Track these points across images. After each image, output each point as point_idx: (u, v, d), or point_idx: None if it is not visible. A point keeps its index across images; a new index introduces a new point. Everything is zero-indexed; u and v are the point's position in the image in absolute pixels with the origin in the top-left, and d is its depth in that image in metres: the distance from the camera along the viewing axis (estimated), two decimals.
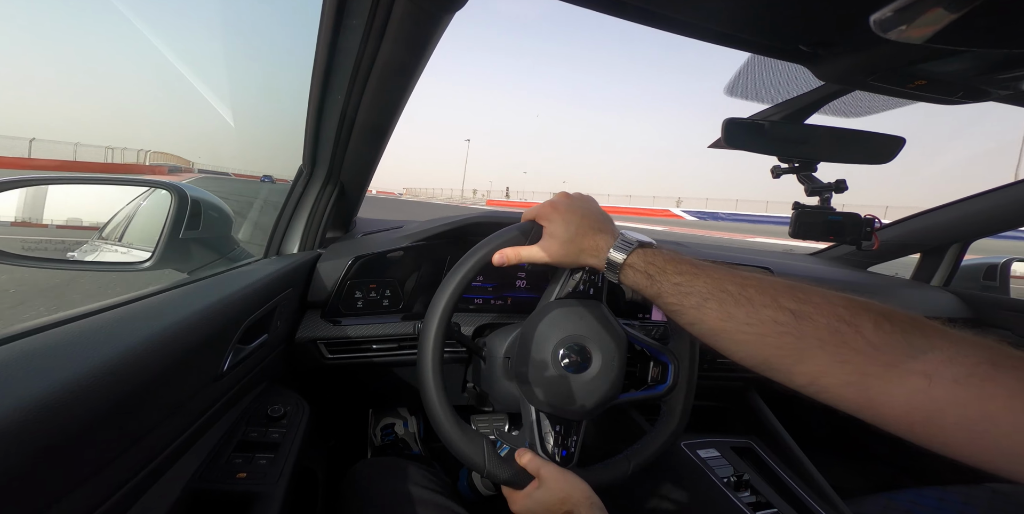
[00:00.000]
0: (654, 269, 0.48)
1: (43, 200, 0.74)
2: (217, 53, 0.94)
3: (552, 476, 0.55)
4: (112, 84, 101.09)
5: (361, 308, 0.87)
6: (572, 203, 0.57)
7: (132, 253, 0.73)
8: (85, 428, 0.34)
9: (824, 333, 0.36)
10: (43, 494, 0.31)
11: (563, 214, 0.56)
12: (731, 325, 0.41)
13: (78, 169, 12.72)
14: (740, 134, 0.77)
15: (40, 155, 13.45)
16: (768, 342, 0.39)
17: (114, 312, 0.47)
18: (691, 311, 0.44)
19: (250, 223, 1.12)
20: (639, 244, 0.51)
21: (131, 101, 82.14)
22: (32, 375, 0.32)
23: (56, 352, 0.36)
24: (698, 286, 0.44)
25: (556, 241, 0.56)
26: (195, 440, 0.54)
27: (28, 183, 0.69)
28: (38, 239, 0.71)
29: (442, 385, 0.58)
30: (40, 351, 0.36)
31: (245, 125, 1.50)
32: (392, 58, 0.62)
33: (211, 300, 0.56)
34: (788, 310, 0.38)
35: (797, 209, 0.86)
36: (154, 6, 23.64)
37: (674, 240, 1.31)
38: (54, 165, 12.09)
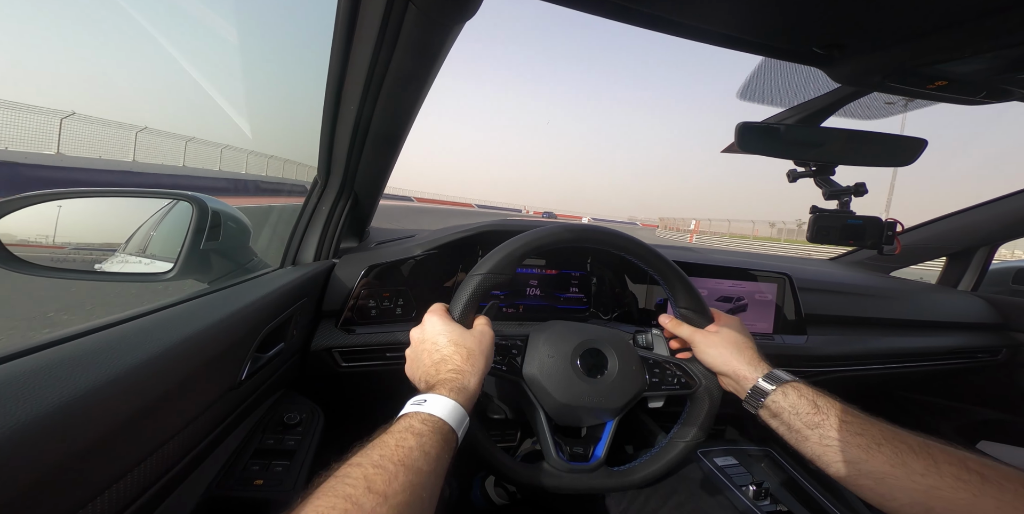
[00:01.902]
0: (822, 401, 0.54)
1: (71, 213, 0.77)
2: (234, 64, 0.97)
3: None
4: (132, 95, 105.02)
5: (375, 316, 0.87)
6: (736, 325, 0.69)
7: (155, 264, 0.74)
8: (107, 436, 0.34)
9: (1009, 496, 0.40)
10: (66, 502, 0.31)
11: (728, 332, 0.67)
12: (902, 472, 0.45)
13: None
14: (755, 138, 0.76)
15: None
16: (940, 494, 0.43)
17: (136, 322, 0.48)
18: (854, 450, 0.49)
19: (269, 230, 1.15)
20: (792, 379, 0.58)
21: (149, 111, 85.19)
22: (56, 385, 0.33)
23: (80, 362, 0.37)
24: (872, 431, 0.49)
25: (721, 347, 0.65)
26: (213, 448, 0.54)
27: (56, 197, 0.72)
28: (67, 251, 0.73)
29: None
30: (64, 361, 0.37)
31: (262, 136, 1.54)
32: (404, 67, 0.63)
33: (230, 310, 0.57)
34: (976, 472, 0.42)
35: (815, 213, 0.85)
36: (170, 17, 24.48)
37: (684, 245, 1.30)
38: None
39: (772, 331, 1.22)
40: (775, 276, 1.26)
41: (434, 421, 0.44)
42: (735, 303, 1.29)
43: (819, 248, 13.89)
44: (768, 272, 1.25)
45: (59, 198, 0.72)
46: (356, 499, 0.33)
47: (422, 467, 0.39)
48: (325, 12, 0.61)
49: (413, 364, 0.57)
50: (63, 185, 0.73)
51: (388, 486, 0.35)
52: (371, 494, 0.34)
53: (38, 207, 0.68)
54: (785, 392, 0.56)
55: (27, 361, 0.36)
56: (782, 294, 1.27)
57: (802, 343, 1.18)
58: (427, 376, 0.52)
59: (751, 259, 1.41)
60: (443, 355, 0.53)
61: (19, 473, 0.27)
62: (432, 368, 0.52)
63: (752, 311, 1.29)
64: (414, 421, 0.43)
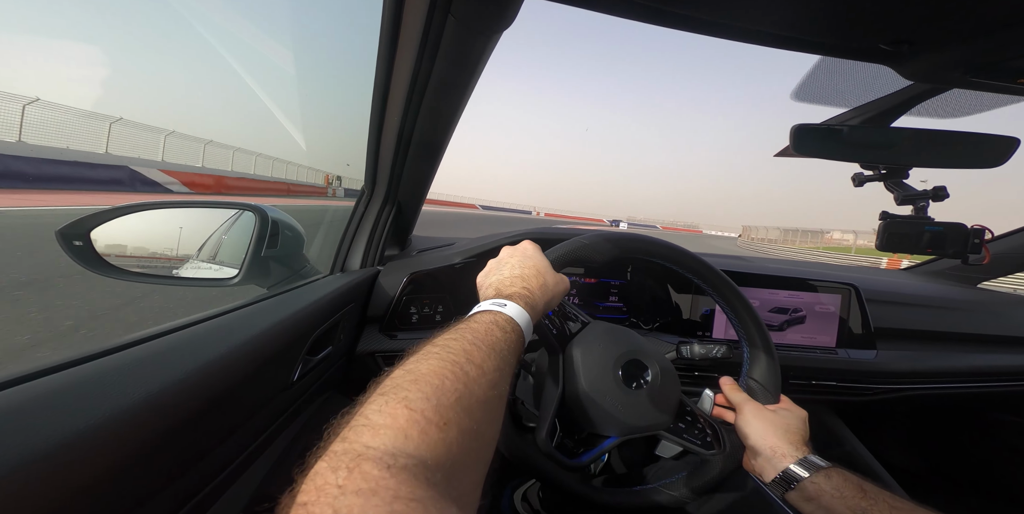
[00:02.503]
0: (869, 486, 0.52)
1: (153, 222, 0.86)
2: (291, 83, 1.06)
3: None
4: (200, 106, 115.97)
5: (415, 322, 0.90)
6: (797, 414, 0.67)
7: (223, 270, 0.81)
8: (176, 430, 0.37)
9: None
10: (132, 497, 0.34)
11: (785, 414, 0.65)
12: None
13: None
14: (812, 141, 0.71)
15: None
16: None
17: (206, 324, 0.52)
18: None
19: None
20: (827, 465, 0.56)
21: (219, 124, 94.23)
22: (137, 381, 0.36)
23: (156, 361, 0.40)
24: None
25: (768, 423, 0.63)
26: (265, 447, 0.58)
27: (143, 208, 0.80)
28: (150, 259, 0.82)
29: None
30: (145, 360, 0.40)
31: (315, 149, 1.65)
32: (444, 77, 0.65)
33: (285, 314, 0.61)
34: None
35: (885, 219, 0.77)
36: (238, 37, 26.87)
37: (734, 255, 1.23)
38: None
39: (835, 345, 1.14)
40: (839, 287, 1.16)
41: (513, 326, 0.44)
42: (791, 314, 1.21)
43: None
44: (831, 283, 1.16)
45: (145, 209, 0.80)
46: (461, 366, 0.35)
47: (507, 358, 0.40)
48: (370, 28, 0.64)
49: (490, 272, 0.57)
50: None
51: (484, 362, 0.36)
52: (471, 365, 0.35)
53: (128, 217, 0.77)
54: (828, 475, 0.54)
55: (112, 360, 0.39)
56: (847, 306, 1.18)
57: (870, 358, 1.10)
58: (501, 285, 0.52)
59: (809, 268, 1.31)
60: (524, 274, 0.53)
61: (105, 457, 0.30)
62: (508, 280, 0.52)
63: (812, 323, 1.21)
64: (498, 318, 0.44)
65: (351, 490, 0.23)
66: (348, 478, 0.24)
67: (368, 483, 0.23)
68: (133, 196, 10.02)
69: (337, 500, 0.22)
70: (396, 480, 0.24)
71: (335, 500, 0.22)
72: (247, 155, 19.45)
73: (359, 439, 0.27)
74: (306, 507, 0.22)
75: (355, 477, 0.24)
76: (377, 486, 0.23)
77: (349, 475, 0.24)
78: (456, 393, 0.32)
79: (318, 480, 0.24)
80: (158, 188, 11.80)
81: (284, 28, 1.55)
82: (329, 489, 0.23)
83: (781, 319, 1.20)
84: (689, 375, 1.02)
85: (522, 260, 0.56)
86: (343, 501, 0.22)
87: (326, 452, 0.27)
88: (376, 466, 0.24)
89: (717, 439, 0.65)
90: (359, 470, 0.24)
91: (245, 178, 15.86)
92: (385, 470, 0.24)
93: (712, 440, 0.65)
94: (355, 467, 0.24)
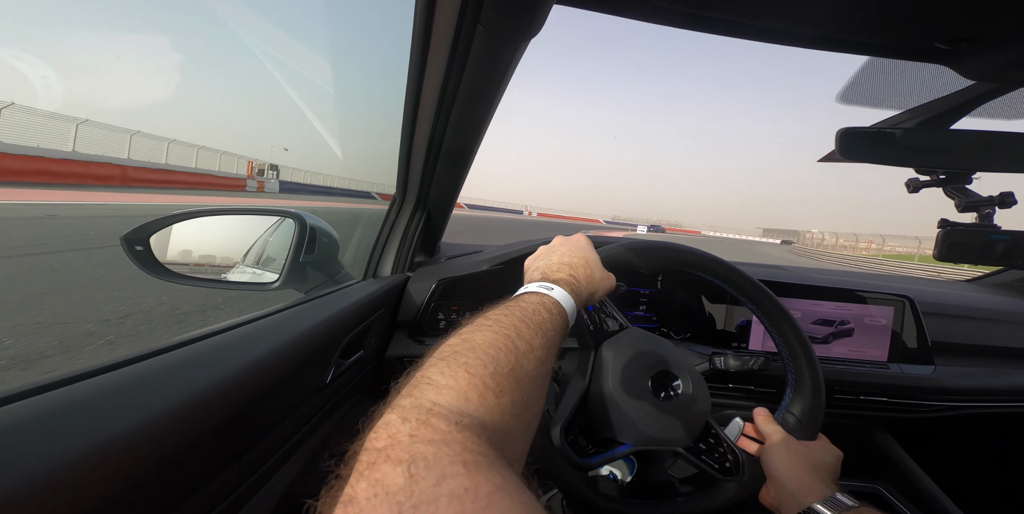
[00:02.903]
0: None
1: (206, 229, 0.92)
2: (329, 96, 1.11)
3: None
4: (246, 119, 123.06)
5: (443, 329, 0.91)
6: (832, 453, 0.64)
7: (265, 275, 0.86)
8: (218, 428, 0.39)
9: None
10: (169, 495, 0.35)
11: (819, 451, 0.63)
12: None
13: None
14: (861, 145, 0.67)
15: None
16: None
17: (249, 326, 0.55)
18: None
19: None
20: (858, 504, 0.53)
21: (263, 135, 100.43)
22: (181, 381, 0.38)
23: (201, 362, 0.42)
24: None
25: (798, 457, 0.60)
26: (297, 448, 0.59)
27: (198, 214, 0.86)
28: (200, 263, 0.88)
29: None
30: (189, 361, 0.42)
31: (351, 159, 1.72)
32: (474, 85, 0.66)
33: (320, 318, 0.63)
34: None
35: (944, 227, 0.72)
36: (283, 50, 28.43)
37: (773, 264, 1.17)
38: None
39: (887, 359, 1.07)
40: (891, 299, 1.09)
41: (559, 309, 0.45)
42: (837, 327, 1.14)
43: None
44: (882, 294, 1.09)
45: (199, 216, 0.86)
46: (512, 340, 0.36)
47: (552, 338, 0.40)
48: (402, 38, 0.66)
49: (539, 256, 0.58)
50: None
51: (532, 339, 0.37)
52: (521, 340, 0.36)
53: (183, 224, 0.83)
54: (860, 512, 0.52)
55: (161, 360, 0.41)
56: (900, 318, 1.10)
57: (927, 374, 1.03)
58: (548, 269, 0.52)
59: (861, 279, 1.23)
60: (572, 263, 0.53)
61: (151, 453, 0.32)
62: (556, 266, 0.52)
63: (860, 336, 1.14)
64: (545, 300, 0.44)
65: (423, 439, 0.24)
66: (418, 429, 0.25)
67: (438, 435, 0.25)
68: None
69: (412, 447, 0.23)
70: (463, 435, 0.25)
71: (410, 447, 0.23)
72: (213, 153, 20.84)
73: (424, 396, 0.29)
74: (383, 451, 0.24)
75: (425, 429, 0.25)
76: (446, 438, 0.24)
77: (419, 426, 0.25)
78: (509, 364, 0.33)
79: (390, 429, 0.25)
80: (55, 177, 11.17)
81: (322, 46, 1.62)
82: (401, 438, 0.24)
83: (826, 331, 1.13)
84: (723, 387, 0.98)
85: (573, 249, 0.56)
86: (418, 448, 0.23)
87: (392, 406, 0.28)
88: (444, 421, 0.26)
89: (737, 467, 0.62)
90: (428, 423, 0.26)
91: (148, 169, 15.09)
92: (453, 425, 0.26)
93: (732, 466, 0.62)
94: (425, 420, 0.26)
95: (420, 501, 0.20)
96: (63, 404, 0.31)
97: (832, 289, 1.09)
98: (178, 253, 0.84)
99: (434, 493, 0.20)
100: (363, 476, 0.22)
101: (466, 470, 0.22)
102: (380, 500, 0.20)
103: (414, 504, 0.20)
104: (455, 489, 0.21)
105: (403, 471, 0.22)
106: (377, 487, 0.21)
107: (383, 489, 0.21)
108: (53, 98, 38.09)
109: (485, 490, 0.21)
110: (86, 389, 0.34)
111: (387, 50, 0.82)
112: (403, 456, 0.23)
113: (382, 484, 0.21)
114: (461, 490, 0.21)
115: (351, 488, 0.22)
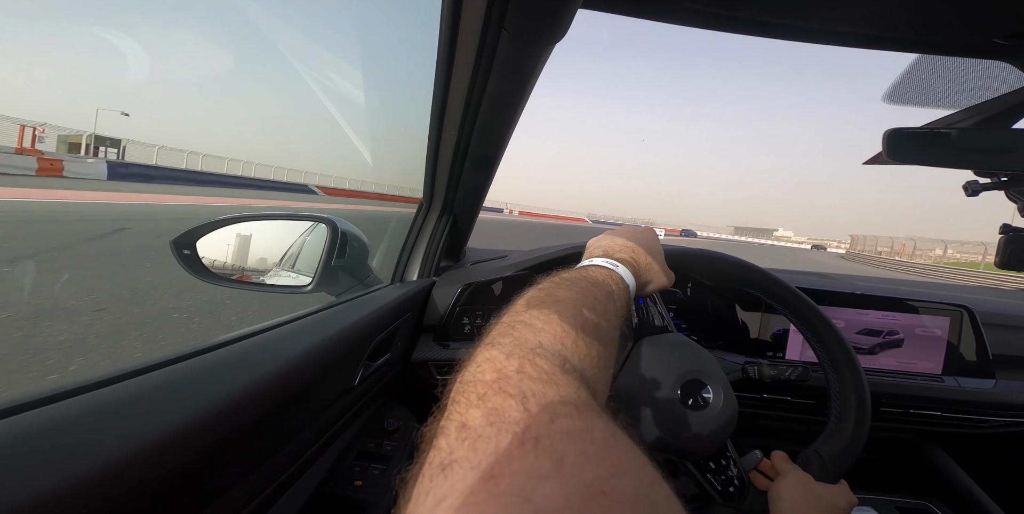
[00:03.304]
0: None
1: (245, 234, 0.97)
2: (359, 104, 1.15)
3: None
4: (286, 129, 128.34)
5: (468, 333, 0.92)
6: (848, 498, 0.61)
7: (300, 278, 0.89)
8: (258, 425, 0.40)
9: None
10: (210, 491, 0.37)
11: (837, 495, 0.60)
12: None
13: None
14: (911, 146, 0.63)
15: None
16: None
17: (284, 328, 0.57)
18: None
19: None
20: None
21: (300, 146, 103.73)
22: (222, 380, 0.40)
23: (240, 362, 0.44)
24: None
25: (814, 498, 0.58)
26: (326, 447, 0.61)
27: (239, 220, 0.91)
28: (240, 267, 0.92)
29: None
30: (228, 361, 0.44)
31: (381, 165, 1.78)
32: (499, 90, 0.66)
33: (350, 321, 0.65)
34: None
35: (1007, 233, 0.66)
36: (316, 59, 29.35)
37: (819, 272, 1.11)
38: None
39: (941, 371, 1.01)
40: (947, 309, 1.02)
41: (624, 285, 0.44)
42: (885, 337, 1.07)
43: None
44: (937, 304, 1.01)
45: (240, 221, 0.90)
46: (590, 300, 0.35)
47: (621, 308, 0.40)
48: (427, 47, 0.67)
49: (603, 237, 0.57)
50: None
51: (606, 304, 0.37)
52: (597, 302, 0.36)
53: (226, 229, 0.87)
54: None
55: (202, 360, 0.42)
56: (957, 330, 1.03)
57: (987, 388, 0.96)
58: (611, 248, 0.52)
59: (911, 288, 1.15)
60: (636, 248, 0.52)
61: (194, 449, 0.33)
62: (620, 246, 0.52)
63: (911, 347, 1.07)
64: (613, 274, 0.44)
65: (531, 377, 0.24)
66: (524, 366, 0.24)
67: (544, 374, 0.24)
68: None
69: (522, 383, 0.23)
70: (566, 378, 0.24)
71: (519, 382, 0.23)
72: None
73: (524, 335, 0.28)
74: (493, 384, 0.23)
75: (531, 367, 0.24)
76: (553, 379, 0.24)
77: (524, 363, 0.25)
78: (592, 322, 0.33)
79: (495, 364, 0.25)
80: None
81: (352, 55, 1.68)
82: (509, 373, 0.24)
83: (872, 342, 1.07)
84: (756, 397, 0.94)
85: (639, 236, 0.55)
86: (527, 385, 0.23)
87: (490, 343, 0.28)
88: (547, 362, 0.25)
89: (740, 494, 0.59)
90: (534, 362, 0.25)
91: None
92: (558, 368, 0.25)
93: (735, 492, 0.59)
94: (530, 358, 0.25)
95: (539, 434, 0.19)
96: (113, 401, 0.33)
97: (879, 298, 1.02)
98: (221, 257, 0.89)
99: (551, 429, 0.20)
100: (475, 405, 0.22)
101: (577, 412, 0.21)
102: (498, 428, 0.20)
103: (534, 436, 0.19)
104: (571, 428, 0.20)
105: (518, 404, 0.21)
106: (493, 416, 0.21)
107: (499, 418, 0.20)
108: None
109: (599, 434, 0.20)
110: (132, 388, 0.35)
111: (413, 58, 0.84)
112: (514, 390, 0.22)
113: (498, 413, 0.21)
114: (577, 430, 0.20)
115: (461, 415, 0.22)
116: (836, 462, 0.62)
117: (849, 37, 0.47)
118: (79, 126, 23.06)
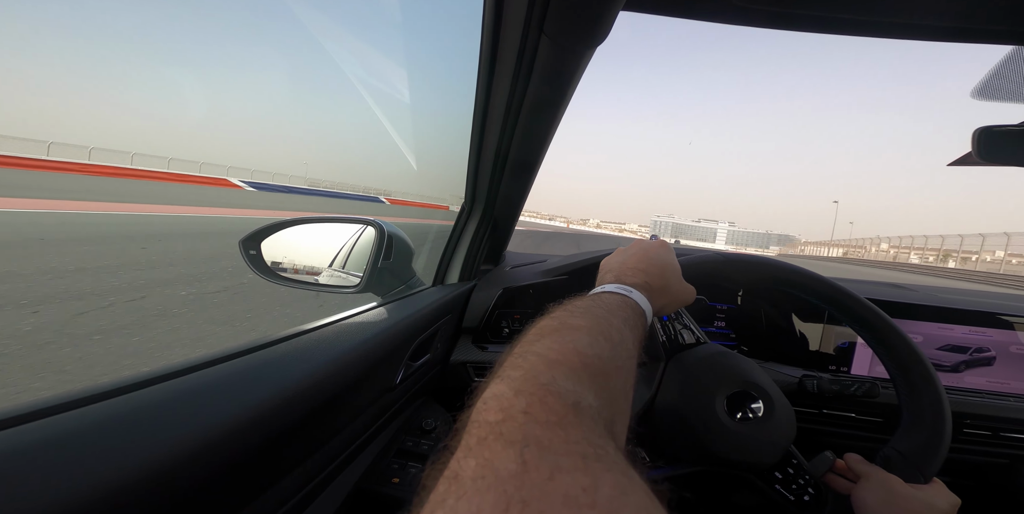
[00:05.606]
0: None
1: (303, 235, 1.04)
2: (406, 113, 1.19)
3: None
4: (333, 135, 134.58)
5: (506, 336, 0.93)
6: (947, 499, 0.55)
7: (349, 278, 0.95)
8: (306, 420, 0.42)
9: None
10: (261, 482, 0.38)
11: (932, 496, 0.53)
12: None
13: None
14: (1007, 145, 0.55)
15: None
16: None
17: (332, 327, 0.59)
18: None
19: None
20: None
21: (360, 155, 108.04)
22: (271, 376, 0.41)
23: (288, 360, 0.45)
24: None
25: (905, 501, 0.52)
26: (367, 444, 0.64)
27: (298, 223, 0.98)
28: (297, 266, 1.00)
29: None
30: (275, 360, 0.45)
31: (425, 170, 1.81)
32: (540, 95, 0.66)
33: (394, 321, 0.67)
34: None
35: None
36: (373, 74, 30.07)
37: (893, 282, 1.00)
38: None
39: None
40: None
41: (640, 311, 0.42)
42: (972, 354, 0.96)
43: None
44: None
45: (299, 224, 0.97)
46: (606, 329, 0.34)
47: (638, 335, 0.38)
48: (470, 53, 0.68)
49: (617, 256, 0.55)
50: None
51: (622, 330, 0.36)
52: (613, 330, 0.35)
53: (285, 231, 0.94)
54: None
55: (257, 356, 0.44)
56: None
57: None
58: (622, 273, 0.50)
59: (1008, 302, 1.01)
60: (648, 270, 0.50)
61: (251, 441, 0.35)
62: (631, 271, 0.50)
63: (1004, 366, 0.95)
64: (628, 300, 0.42)
65: (538, 419, 0.22)
66: (532, 406, 0.23)
67: (554, 416, 0.22)
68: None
69: (526, 427, 0.21)
70: (579, 420, 0.23)
71: (523, 426, 0.21)
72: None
73: (536, 368, 0.26)
74: (496, 426, 0.21)
75: (540, 407, 0.23)
76: (563, 421, 0.22)
77: (533, 403, 0.23)
78: (609, 352, 0.31)
79: (502, 401, 0.23)
80: None
81: (398, 67, 1.75)
82: (515, 413, 0.22)
83: (957, 359, 0.96)
84: (814, 413, 0.88)
85: (649, 255, 0.53)
86: (532, 429, 0.21)
87: (500, 376, 0.26)
88: (560, 401, 0.23)
89: (819, 502, 0.54)
90: (544, 401, 0.23)
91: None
92: (570, 407, 0.23)
93: (811, 500, 0.54)
94: (540, 397, 0.23)
95: (531, 496, 0.17)
96: (176, 394, 0.34)
97: (967, 312, 0.91)
98: (280, 257, 0.96)
99: (547, 488, 0.18)
100: (472, 452, 0.20)
101: (584, 464, 0.19)
102: (487, 484, 0.18)
103: (523, 499, 0.17)
104: (571, 488, 0.18)
105: (515, 455, 0.19)
106: (486, 468, 0.19)
107: (492, 472, 0.19)
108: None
109: (605, 492, 0.18)
110: (195, 380, 0.37)
111: (455, 65, 0.85)
112: (516, 436, 0.20)
113: (491, 466, 0.19)
114: (579, 490, 0.18)
115: (457, 463, 0.20)
116: (923, 459, 0.55)
117: (936, 31, 0.42)
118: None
